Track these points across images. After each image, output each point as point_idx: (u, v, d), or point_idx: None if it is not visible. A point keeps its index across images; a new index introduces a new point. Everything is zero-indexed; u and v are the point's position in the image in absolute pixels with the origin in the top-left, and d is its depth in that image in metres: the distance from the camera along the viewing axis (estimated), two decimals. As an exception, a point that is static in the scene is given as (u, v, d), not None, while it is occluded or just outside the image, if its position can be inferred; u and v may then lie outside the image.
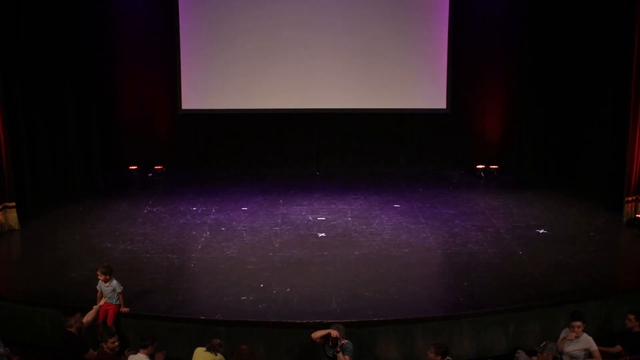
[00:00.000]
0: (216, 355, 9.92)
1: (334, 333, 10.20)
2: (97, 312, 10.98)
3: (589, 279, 12.58)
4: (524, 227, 15.36)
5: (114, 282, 11.18)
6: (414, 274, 13.02)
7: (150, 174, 19.82)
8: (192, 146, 20.28)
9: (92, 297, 11.28)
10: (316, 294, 12.02)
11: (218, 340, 10.06)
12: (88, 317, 10.73)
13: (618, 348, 10.50)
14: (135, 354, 9.92)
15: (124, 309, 11.13)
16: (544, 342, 10.14)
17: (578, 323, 10.24)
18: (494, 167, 19.68)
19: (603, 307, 11.84)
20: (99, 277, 11.19)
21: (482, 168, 19.69)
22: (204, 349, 9.95)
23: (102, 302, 11.06)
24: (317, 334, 10.32)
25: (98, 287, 11.24)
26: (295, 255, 13.80)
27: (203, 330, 10.81)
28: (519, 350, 10.68)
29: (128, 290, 11.55)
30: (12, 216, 15.33)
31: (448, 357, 9.83)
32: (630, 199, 15.43)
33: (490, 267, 13.15)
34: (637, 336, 10.43)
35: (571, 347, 10.23)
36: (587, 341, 10.25)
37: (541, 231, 15.13)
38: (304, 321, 11.02)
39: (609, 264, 13.45)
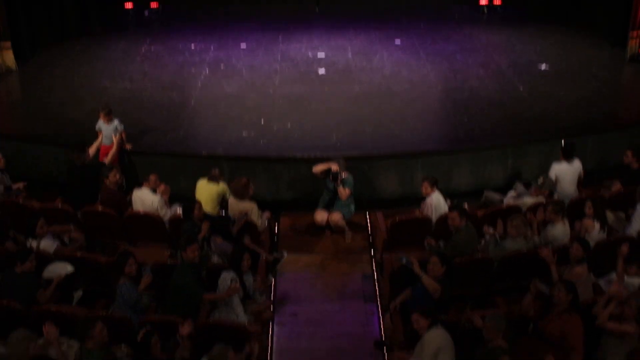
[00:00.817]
0: (218, 185, 10.11)
1: (335, 167, 10.33)
2: (98, 149, 11.05)
3: (589, 115, 12.60)
4: (526, 63, 15.21)
5: (115, 122, 11.21)
6: (415, 110, 13.04)
7: (147, 12, 19.36)
8: (187, -19, 19.70)
9: (95, 136, 11.33)
10: (317, 129, 12.09)
11: (217, 169, 10.20)
12: (92, 150, 10.83)
13: (618, 186, 10.61)
14: (139, 189, 10.12)
15: (127, 146, 11.23)
16: (542, 178, 10.29)
17: None
18: (497, 2, 19.17)
19: (602, 142, 11.93)
20: (101, 117, 11.19)
21: (486, 5, 19.19)
22: (206, 180, 10.13)
23: (98, 141, 11.11)
24: (318, 168, 10.46)
25: (98, 128, 11.27)
26: (296, 91, 13.76)
27: (205, 166, 10.95)
28: (517, 182, 10.87)
29: (130, 128, 11.62)
30: (9, 57, 15.15)
31: None
32: (634, 34, 15.14)
33: (490, 103, 13.15)
34: (634, 172, 10.53)
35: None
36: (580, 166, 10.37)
37: (543, 67, 15.00)
38: (305, 156, 11.17)
39: (609, 100, 13.44)
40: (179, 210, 9.92)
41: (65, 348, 7.54)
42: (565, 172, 10.30)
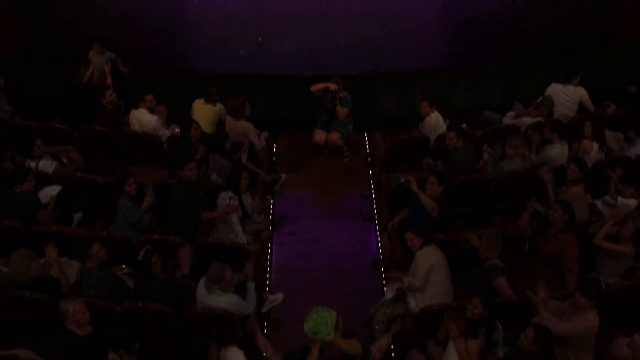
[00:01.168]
0: (215, 105, 10.04)
1: (333, 86, 10.24)
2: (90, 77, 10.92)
3: (590, 33, 12.40)
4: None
5: (107, 54, 11.00)
6: (414, 28, 12.80)
7: None
8: None
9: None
10: (315, 47, 11.93)
11: (214, 89, 10.12)
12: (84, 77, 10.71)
13: (612, 108, 10.56)
14: (136, 109, 10.05)
15: (124, 69, 11.06)
16: (541, 97, 10.23)
17: None
18: None
19: (601, 61, 11.80)
20: (94, 48, 10.96)
21: None
22: (203, 100, 10.06)
23: (90, 71, 10.91)
24: (316, 87, 10.34)
25: (89, 58, 11.03)
26: (293, 9, 13.45)
27: (203, 85, 10.83)
28: (516, 102, 10.80)
29: (127, 47, 11.45)
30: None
31: None
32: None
33: (491, 21, 12.90)
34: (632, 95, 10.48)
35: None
36: (580, 93, 10.26)
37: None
38: (303, 74, 11.05)
39: (611, 17, 13.18)
40: (177, 130, 9.88)
41: (66, 268, 7.66)
42: (558, 94, 10.18)
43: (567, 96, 10.12)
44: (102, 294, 7.22)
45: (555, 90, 10.17)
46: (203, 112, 9.99)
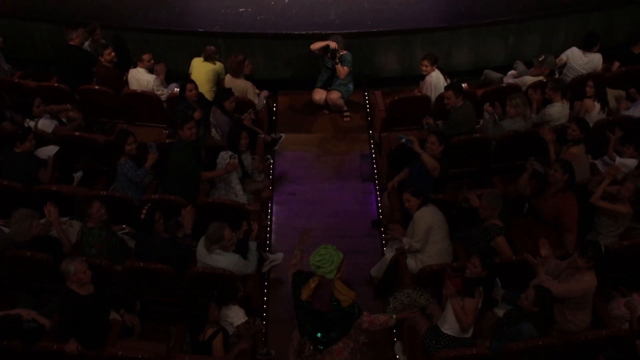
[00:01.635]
0: (215, 64, 9.97)
1: (333, 44, 10.16)
2: None
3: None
4: None
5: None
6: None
7: None
8: None
9: (90, 13, 11.04)
10: (315, 5, 11.74)
11: (212, 47, 10.04)
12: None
13: (616, 64, 10.48)
14: (135, 69, 9.97)
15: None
16: (543, 55, 10.15)
17: None
18: None
19: (605, 19, 11.67)
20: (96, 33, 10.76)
21: None
22: (202, 59, 9.99)
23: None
24: (316, 45, 10.26)
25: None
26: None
27: (202, 43, 10.74)
28: (517, 61, 10.73)
29: (125, 5, 11.32)
30: None
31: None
32: None
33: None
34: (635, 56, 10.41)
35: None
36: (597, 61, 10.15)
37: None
38: (303, 32, 10.94)
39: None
40: (176, 89, 9.82)
41: (67, 228, 7.69)
42: (576, 60, 10.08)
43: (585, 64, 10.04)
44: (103, 254, 7.26)
45: (574, 55, 10.10)
46: (202, 71, 9.91)
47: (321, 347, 6.16)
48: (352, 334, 6.23)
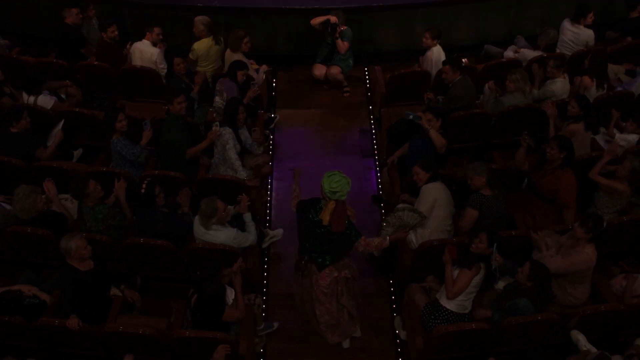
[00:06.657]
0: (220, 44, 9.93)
1: (333, 19, 10.10)
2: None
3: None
4: None
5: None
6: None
7: None
8: None
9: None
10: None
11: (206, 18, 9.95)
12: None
13: (615, 35, 10.41)
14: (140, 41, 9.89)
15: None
16: (544, 28, 10.09)
17: None
18: None
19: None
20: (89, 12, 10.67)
21: None
22: (213, 42, 9.89)
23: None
24: (316, 20, 10.19)
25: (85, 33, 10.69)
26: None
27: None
28: (518, 36, 10.67)
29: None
30: None
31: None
32: None
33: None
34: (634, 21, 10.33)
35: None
36: (587, 36, 10.07)
37: None
38: (303, 7, 10.88)
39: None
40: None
41: (67, 204, 7.70)
42: (564, 31, 10.00)
43: (573, 36, 9.92)
44: (103, 230, 7.27)
45: (564, 27, 10.01)
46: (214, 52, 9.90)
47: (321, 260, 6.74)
48: (338, 264, 6.80)
